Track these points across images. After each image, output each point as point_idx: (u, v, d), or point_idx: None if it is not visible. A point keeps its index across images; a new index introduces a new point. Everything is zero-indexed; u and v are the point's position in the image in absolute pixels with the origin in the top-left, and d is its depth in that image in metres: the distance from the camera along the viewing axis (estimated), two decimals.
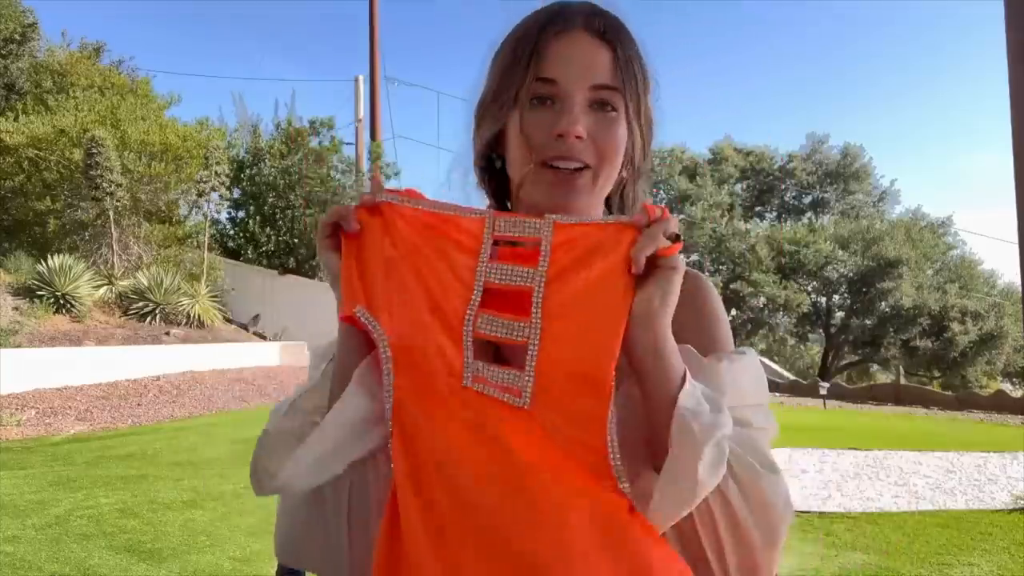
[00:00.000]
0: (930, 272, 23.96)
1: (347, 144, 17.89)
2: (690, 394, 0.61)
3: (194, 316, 12.35)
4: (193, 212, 16.26)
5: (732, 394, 0.68)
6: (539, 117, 0.71)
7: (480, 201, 0.83)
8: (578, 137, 0.69)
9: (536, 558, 0.56)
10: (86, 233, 13.54)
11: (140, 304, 11.95)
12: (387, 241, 0.67)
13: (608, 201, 0.82)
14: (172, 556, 3.45)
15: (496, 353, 0.67)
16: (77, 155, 13.00)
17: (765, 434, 0.71)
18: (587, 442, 0.60)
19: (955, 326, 20.64)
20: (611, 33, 0.72)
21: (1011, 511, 4.83)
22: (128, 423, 7.80)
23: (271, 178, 16.16)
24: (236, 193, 16.08)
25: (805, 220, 27.55)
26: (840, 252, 23.25)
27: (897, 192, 28.19)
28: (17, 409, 7.73)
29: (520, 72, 0.71)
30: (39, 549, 3.49)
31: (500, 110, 0.74)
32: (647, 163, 0.81)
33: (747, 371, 0.71)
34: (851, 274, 23.38)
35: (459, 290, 0.65)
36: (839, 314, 24.87)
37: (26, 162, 13.69)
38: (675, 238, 0.61)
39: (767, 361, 24.75)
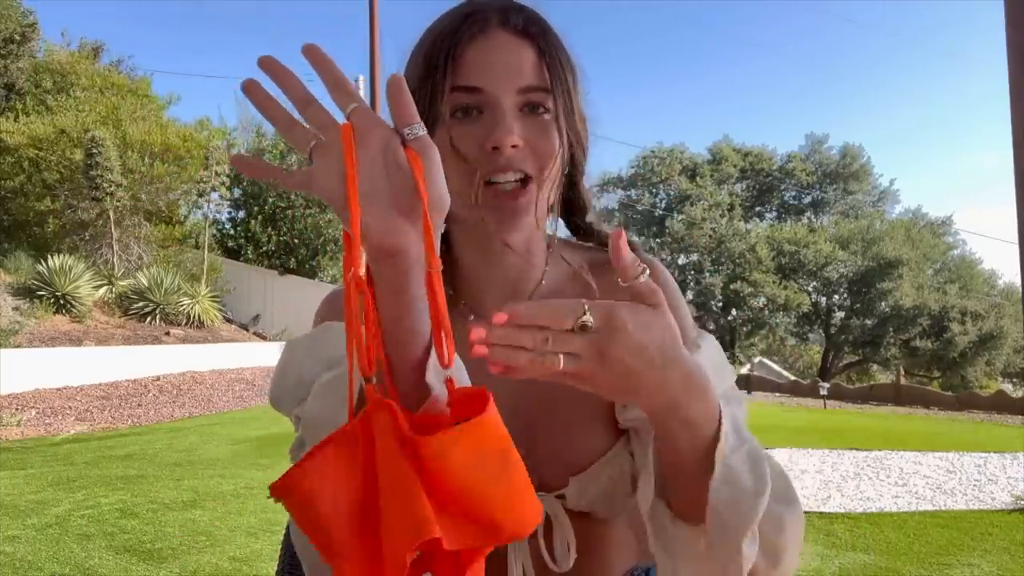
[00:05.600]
0: (930, 272, 23.99)
1: None
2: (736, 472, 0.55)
3: (194, 316, 12.35)
4: (193, 212, 16.28)
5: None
6: (467, 131, 0.64)
7: None
8: (514, 147, 0.63)
9: None
10: (86, 233, 13.55)
11: (140, 304, 11.95)
12: None
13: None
14: (172, 556, 3.45)
15: None
16: (77, 155, 13.01)
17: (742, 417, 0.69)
18: None
19: (955, 326, 20.67)
20: (532, 28, 0.66)
21: (1011, 511, 4.83)
22: (128, 423, 7.80)
23: None
24: (236, 193, 16.09)
25: (805, 220, 27.58)
26: (840, 252, 23.27)
27: (897, 192, 28.32)
28: (17, 409, 7.73)
29: (438, 84, 0.64)
30: (39, 549, 3.49)
31: None
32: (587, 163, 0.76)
33: (711, 359, 0.66)
34: (851, 274, 23.41)
35: None
36: (839, 314, 24.90)
37: (26, 162, 13.70)
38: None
39: (767, 361, 24.76)
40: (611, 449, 0.71)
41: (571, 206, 0.77)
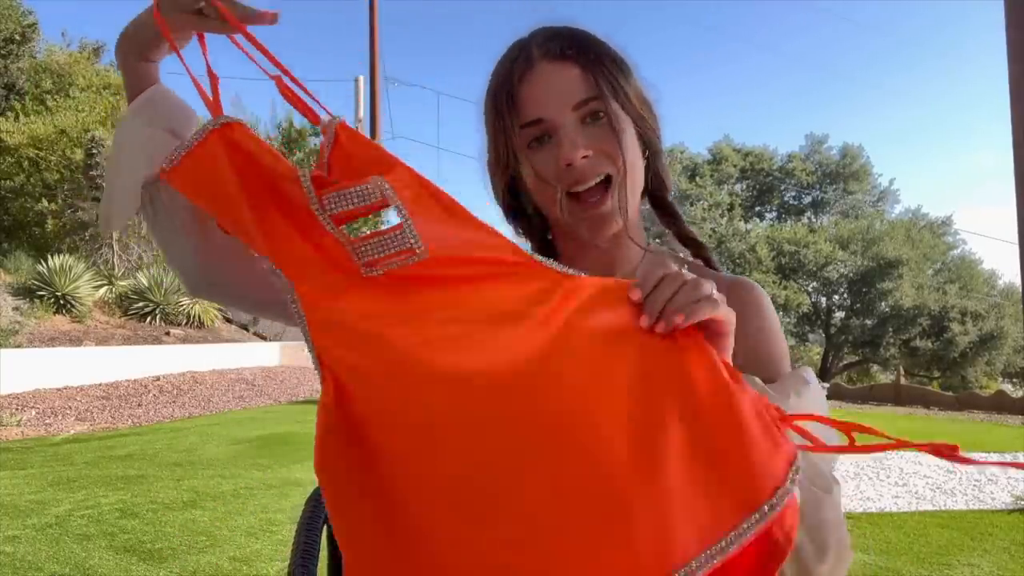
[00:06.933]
0: (930, 272, 23.95)
1: None
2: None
3: (194, 316, 12.35)
4: None
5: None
6: (543, 156, 0.73)
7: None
8: (584, 157, 0.71)
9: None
10: (86, 233, 13.53)
11: (140, 304, 11.94)
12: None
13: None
14: (172, 556, 3.45)
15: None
16: (77, 155, 13.01)
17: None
18: (488, 242, 0.58)
19: (955, 326, 20.63)
20: (570, 49, 0.73)
21: (1011, 511, 4.83)
22: (128, 423, 7.80)
23: None
24: None
25: (805, 220, 27.54)
26: (840, 252, 23.25)
27: (896, 192, 28.22)
28: (17, 409, 7.73)
29: (508, 127, 0.73)
30: (39, 549, 3.48)
31: (506, 167, 0.77)
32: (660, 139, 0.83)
33: (815, 401, 0.70)
34: (851, 274, 23.38)
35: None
36: (839, 314, 24.87)
37: (26, 162, 13.70)
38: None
39: None
40: None
41: (652, 183, 0.85)
